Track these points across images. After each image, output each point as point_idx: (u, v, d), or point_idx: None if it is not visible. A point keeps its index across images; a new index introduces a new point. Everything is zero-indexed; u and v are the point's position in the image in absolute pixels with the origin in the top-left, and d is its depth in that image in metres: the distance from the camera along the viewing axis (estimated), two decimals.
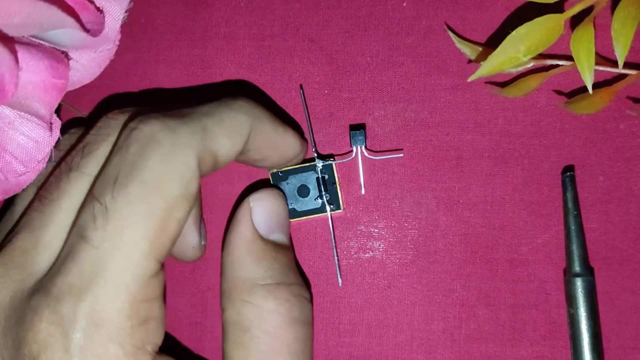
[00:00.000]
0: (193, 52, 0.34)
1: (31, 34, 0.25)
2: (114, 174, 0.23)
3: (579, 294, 0.31)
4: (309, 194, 0.33)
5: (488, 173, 0.33)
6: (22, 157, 0.26)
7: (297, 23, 0.34)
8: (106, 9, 0.27)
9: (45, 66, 0.25)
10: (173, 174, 0.23)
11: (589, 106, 0.31)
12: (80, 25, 0.24)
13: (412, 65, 0.33)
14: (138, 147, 0.23)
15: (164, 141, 0.23)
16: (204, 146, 0.24)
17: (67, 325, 0.21)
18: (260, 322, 0.27)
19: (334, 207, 0.33)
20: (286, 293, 0.27)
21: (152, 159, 0.23)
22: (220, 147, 0.25)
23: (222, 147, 0.25)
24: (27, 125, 0.26)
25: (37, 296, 0.22)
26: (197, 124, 0.24)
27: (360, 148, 0.33)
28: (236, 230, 0.29)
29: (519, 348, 0.32)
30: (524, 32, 0.28)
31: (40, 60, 0.24)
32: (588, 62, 0.27)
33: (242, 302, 0.27)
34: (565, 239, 0.32)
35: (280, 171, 0.32)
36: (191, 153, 0.23)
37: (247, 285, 0.27)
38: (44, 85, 0.25)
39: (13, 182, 0.27)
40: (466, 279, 0.33)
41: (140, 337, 0.22)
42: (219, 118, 0.25)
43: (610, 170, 0.32)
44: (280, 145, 0.29)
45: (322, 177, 0.33)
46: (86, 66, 0.28)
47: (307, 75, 0.34)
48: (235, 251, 0.28)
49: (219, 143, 0.25)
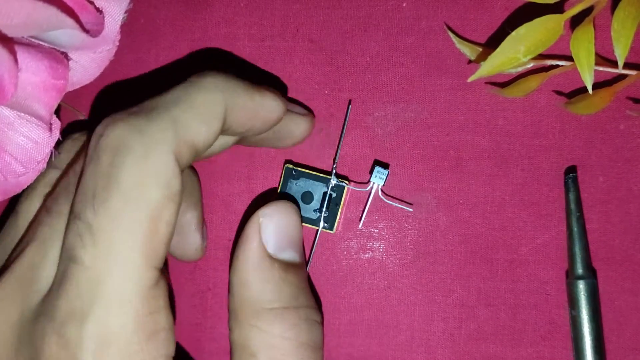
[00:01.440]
0: (193, 52, 0.34)
1: (30, 35, 0.24)
2: (91, 188, 0.22)
3: (581, 297, 0.31)
4: (310, 202, 0.32)
5: (488, 173, 0.33)
6: (21, 157, 0.26)
7: (297, 23, 0.34)
8: (106, 10, 0.27)
9: (45, 67, 0.24)
10: (151, 178, 0.22)
11: (588, 107, 0.30)
12: (80, 26, 0.24)
13: (412, 65, 0.33)
14: (109, 156, 0.22)
15: (134, 145, 0.22)
16: (178, 139, 0.23)
17: (76, 348, 0.21)
18: (267, 348, 0.26)
19: (328, 226, 0.32)
20: (294, 317, 0.26)
21: (126, 167, 0.22)
22: (196, 135, 0.24)
23: (198, 134, 0.24)
24: (27, 126, 0.26)
25: (43, 321, 0.22)
26: (166, 116, 0.23)
27: (377, 186, 0.32)
28: (243, 248, 0.27)
29: (519, 348, 0.32)
30: (523, 32, 0.28)
31: (39, 60, 0.24)
32: (588, 62, 0.27)
33: (250, 326, 0.26)
34: (568, 241, 0.32)
35: (295, 169, 0.32)
36: (166, 151, 0.22)
37: (254, 309, 0.26)
38: (44, 86, 0.24)
39: (13, 182, 0.27)
40: (466, 279, 0.33)
41: (150, 351, 0.22)
42: (189, 103, 0.24)
43: (611, 170, 0.32)
44: (260, 112, 0.27)
45: (330, 194, 0.32)
46: (86, 67, 0.28)
47: (307, 76, 0.34)
48: (242, 271, 0.27)
49: (194, 131, 0.23)
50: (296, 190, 0.32)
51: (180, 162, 0.23)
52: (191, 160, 0.24)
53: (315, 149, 0.34)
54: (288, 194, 0.32)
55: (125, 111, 0.23)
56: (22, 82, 0.23)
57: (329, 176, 0.32)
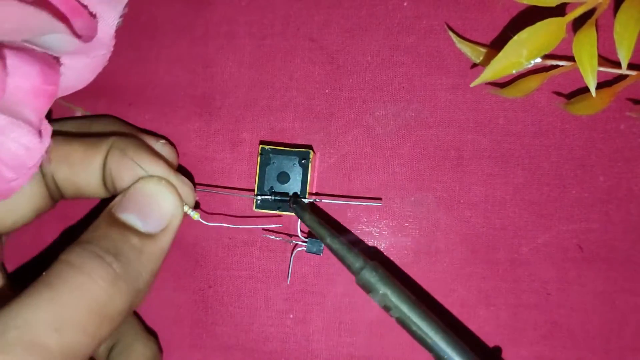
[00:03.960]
0: (194, 50, 0.34)
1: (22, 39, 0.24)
2: None
3: (376, 280, 0.29)
4: (287, 182, 0.32)
5: (489, 173, 0.33)
6: (12, 163, 0.26)
7: (297, 22, 0.34)
8: (100, 15, 0.26)
9: (36, 72, 0.24)
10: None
11: (589, 107, 0.31)
12: (72, 31, 0.24)
13: (412, 65, 0.33)
14: None
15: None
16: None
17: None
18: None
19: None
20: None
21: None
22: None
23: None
24: (17, 132, 0.25)
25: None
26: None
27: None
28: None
29: (519, 348, 0.33)
30: (525, 36, 0.28)
31: (31, 65, 0.24)
32: (591, 65, 0.27)
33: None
34: (336, 256, 0.30)
35: (270, 148, 0.32)
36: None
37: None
38: (34, 91, 0.24)
39: (3, 188, 0.27)
40: (467, 279, 0.33)
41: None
42: None
43: (611, 170, 0.32)
44: None
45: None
46: (79, 71, 0.28)
47: (308, 75, 0.34)
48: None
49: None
50: (275, 169, 0.32)
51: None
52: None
53: (315, 147, 0.34)
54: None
55: None
56: (12, 86, 0.23)
57: (303, 149, 0.32)
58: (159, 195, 0.29)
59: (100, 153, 0.29)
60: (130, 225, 0.27)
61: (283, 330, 0.34)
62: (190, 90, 0.34)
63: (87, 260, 0.25)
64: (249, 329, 0.34)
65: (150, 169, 0.28)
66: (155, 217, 0.28)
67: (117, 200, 0.28)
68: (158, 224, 0.28)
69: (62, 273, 0.24)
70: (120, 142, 0.29)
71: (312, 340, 0.34)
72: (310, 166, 0.32)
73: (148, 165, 0.29)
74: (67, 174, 0.29)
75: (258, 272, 0.34)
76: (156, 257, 0.28)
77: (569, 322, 0.32)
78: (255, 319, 0.34)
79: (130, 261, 0.26)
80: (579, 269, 0.32)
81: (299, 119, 0.34)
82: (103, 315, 0.24)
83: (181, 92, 0.34)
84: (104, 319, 0.25)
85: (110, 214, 0.28)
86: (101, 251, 0.25)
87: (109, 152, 0.29)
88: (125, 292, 0.25)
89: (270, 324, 0.34)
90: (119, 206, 0.28)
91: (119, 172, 0.29)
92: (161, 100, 0.34)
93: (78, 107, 0.34)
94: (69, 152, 0.29)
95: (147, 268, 0.27)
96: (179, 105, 0.34)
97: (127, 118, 0.34)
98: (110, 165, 0.29)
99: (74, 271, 0.24)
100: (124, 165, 0.28)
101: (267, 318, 0.34)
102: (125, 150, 0.28)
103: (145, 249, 0.27)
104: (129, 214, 0.28)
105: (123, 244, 0.26)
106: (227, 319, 0.34)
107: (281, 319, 0.34)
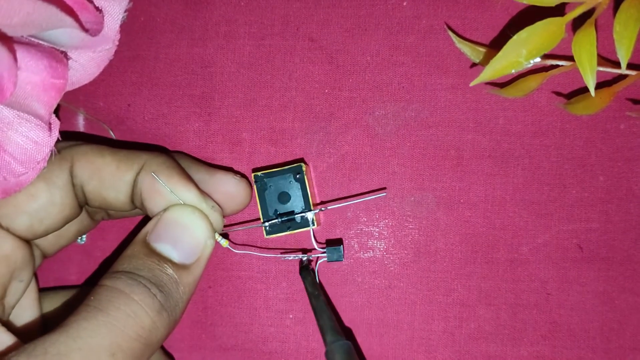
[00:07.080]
0: (193, 50, 0.34)
1: (30, 34, 0.24)
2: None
3: (338, 357, 0.30)
4: (289, 202, 0.32)
5: (488, 173, 0.33)
6: (21, 157, 0.26)
7: (297, 22, 0.34)
8: (105, 9, 0.27)
9: (45, 66, 0.24)
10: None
11: (588, 107, 0.30)
12: (79, 25, 0.24)
13: (412, 64, 0.33)
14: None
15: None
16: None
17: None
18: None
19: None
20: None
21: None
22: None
23: None
24: (26, 126, 0.26)
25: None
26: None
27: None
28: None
29: (519, 348, 0.33)
30: (525, 36, 0.27)
31: (39, 60, 0.24)
32: (590, 65, 0.27)
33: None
34: (315, 316, 0.31)
35: (263, 173, 0.32)
36: None
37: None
38: (43, 85, 0.24)
39: (13, 182, 0.27)
40: (467, 278, 0.33)
41: None
42: None
43: (611, 170, 0.32)
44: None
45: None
46: (85, 66, 0.28)
47: (308, 75, 0.34)
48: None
49: None
50: (274, 192, 0.32)
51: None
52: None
53: (315, 147, 0.34)
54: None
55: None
56: (21, 81, 0.23)
57: (295, 164, 0.32)
58: (193, 227, 0.29)
59: (132, 171, 0.29)
60: (166, 256, 0.28)
61: (282, 330, 0.34)
62: (189, 90, 0.34)
63: (136, 289, 0.26)
64: (248, 329, 0.34)
65: (182, 195, 0.29)
66: (189, 248, 0.29)
67: (150, 227, 0.28)
68: (192, 255, 0.28)
69: (114, 300, 0.25)
70: (153, 162, 0.29)
71: (312, 340, 0.34)
72: (306, 179, 0.32)
73: (180, 191, 0.29)
74: (96, 187, 0.29)
75: (258, 272, 0.34)
76: (191, 287, 0.28)
77: (569, 322, 0.32)
78: (254, 319, 0.34)
79: (171, 292, 0.27)
80: (578, 268, 0.32)
81: (298, 119, 0.34)
82: (148, 343, 0.25)
83: (180, 92, 0.34)
84: (148, 346, 0.25)
85: (146, 244, 0.28)
86: (146, 281, 0.26)
87: (140, 170, 0.29)
88: (166, 322, 0.26)
89: (270, 324, 0.34)
90: (153, 235, 0.28)
91: (149, 195, 0.29)
92: (160, 101, 0.34)
93: (79, 109, 0.34)
94: (102, 166, 0.29)
95: (183, 298, 0.28)
96: (178, 106, 0.34)
97: (126, 119, 0.34)
98: (142, 186, 0.29)
99: (125, 299, 0.25)
100: (155, 190, 0.29)
101: (266, 318, 0.34)
102: (157, 172, 0.29)
103: (182, 280, 0.28)
104: (164, 245, 0.28)
105: (161, 274, 0.27)
106: (227, 320, 0.34)
107: (281, 319, 0.34)
